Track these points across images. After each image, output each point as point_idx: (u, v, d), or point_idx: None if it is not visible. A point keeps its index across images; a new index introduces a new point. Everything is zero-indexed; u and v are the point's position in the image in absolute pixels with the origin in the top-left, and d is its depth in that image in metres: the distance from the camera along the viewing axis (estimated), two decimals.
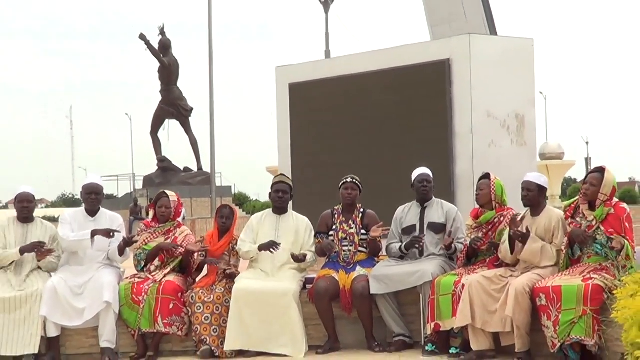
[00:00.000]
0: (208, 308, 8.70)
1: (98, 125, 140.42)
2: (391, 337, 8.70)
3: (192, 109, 39.85)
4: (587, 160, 63.32)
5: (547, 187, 8.37)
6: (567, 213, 8.08)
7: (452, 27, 11.34)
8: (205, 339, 8.66)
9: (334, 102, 11.28)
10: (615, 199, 7.97)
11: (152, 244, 9.09)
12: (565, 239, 7.98)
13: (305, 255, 8.91)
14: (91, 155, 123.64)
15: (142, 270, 9.09)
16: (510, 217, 8.25)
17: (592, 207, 7.92)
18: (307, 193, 10.75)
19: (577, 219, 7.97)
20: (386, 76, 10.84)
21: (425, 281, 8.39)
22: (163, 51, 38.39)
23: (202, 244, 9.13)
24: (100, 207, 9.18)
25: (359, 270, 8.80)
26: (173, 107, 39.03)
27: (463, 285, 8.08)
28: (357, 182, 9.07)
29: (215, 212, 9.49)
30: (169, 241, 9.11)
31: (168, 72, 38.79)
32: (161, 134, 40.03)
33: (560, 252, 8.00)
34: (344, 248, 8.94)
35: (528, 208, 8.30)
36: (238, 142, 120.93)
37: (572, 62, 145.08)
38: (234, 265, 9.14)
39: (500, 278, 8.07)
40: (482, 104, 10.24)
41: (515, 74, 10.51)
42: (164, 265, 9.07)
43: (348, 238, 8.96)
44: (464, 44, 10.34)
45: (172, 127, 39.88)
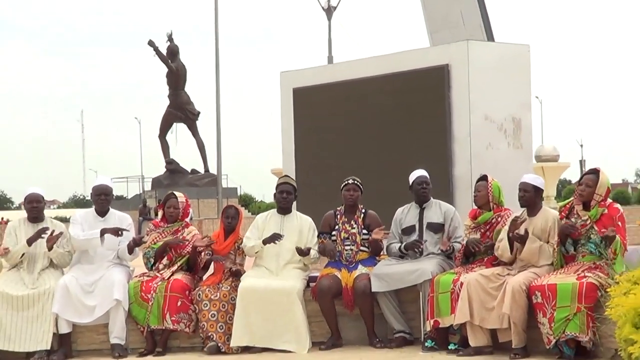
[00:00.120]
0: (214, 305, 8.70)
1: (108, 129, 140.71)
2: (392, 333, 8.70)
3: (199, 112, 39.86)
4: (582, 163, 63.26)
5: (543, 188, 8.37)
6: (562, 213, 8.08)
7: (451, 33, 11.32)
8: (212, 336, 8.66)
9: (337, 106, 11.27)
10: (609, 200, 7.97)
11: (161, 243, 9.10)
12: (556, 237, 7.99)
13: (310, 249, 8.91)
14: (101, 157, 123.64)
15: (151, 269, 9.10)
16: (511, 218, 8.24)
17: (587, 208, 7.92)
18: (310, 194, 10.75)
19: (572, 219, 7.96)
20: (387, 81, 10.83)
21: (425, 279, 8.38)
22: (171, 57, 38.41)
23: (209, 239, 9.12)
24: (110, 207, 9.20)
25: (361, 269, 8.80)
26: (181, 111, 39.04)
27: (461, 283, 8.07)
28: (358, 183, 9.07)
29: (221, 213, 9.50)
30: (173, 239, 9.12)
31: (176, 77, 38.80)
32: (169, 137, 40.07)
33: (555, 250, 8.01)
34: (346, 247, 8.94)
35: (525, 208, 8.29)
36: (243, 144, 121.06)
37: (567, 68, 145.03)
38: (239, 263, 9.13)
39: (498, 276, 8.06)
40: (479, 108, 10.23)
41: (512, 78, 10.49)
42: (172, 264, 9.08)
43: (350, 238, 8.95)
44: (462, 50, 10.34)
45: (179, 131, 39.94)
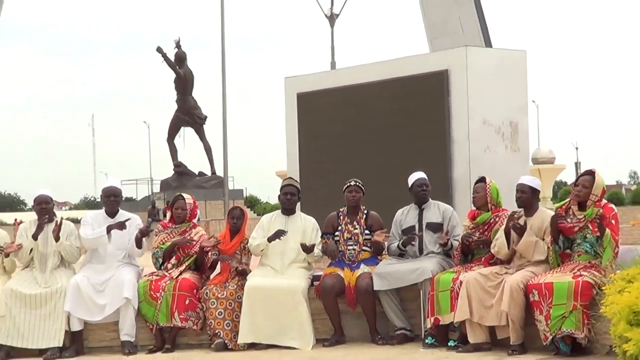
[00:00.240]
0: (222, 304, 8.70)
1: (118, 133, 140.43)
2: (393, 330, 8.69)
3: (206, 117, 39.77)
4: (577, 165, 63.14)
5: (539, 189, 8.37)
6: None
7: (450, 40, 11.37)
8: (219, 333, 8.67)
9: (339, 110, 11.28)
10: (604, 200, 7.97)
11: (169, 243, 9.11)
12: (549, 236, 7.99)
13: (314, 246, 8.91)
14: (112, 160, 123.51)
15: (159, 269, 9.10)
16: (508, 214, 8.24)
17: (582, 208, 7.91)
18: (314, 196, 10.76)
19: (568, 219, 7.96)
20: (388, 86, 10.83)
21: (425, 278, 8.38)
22: (179, 63, 38.33)
23: (215, 240, 9.12)
24: (119, 208, 9.20)
25: (363, 268, 8.79)
26: (188, 115, 38.96)
27: (461, 282, 8.07)
28: (360, 185, 9.06)
29: (227, 214, 9.49)
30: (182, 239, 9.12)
31: (183, 83, 38.73)
32: (177, 140, 39.96)
33: (550, 247, 8.01)
34: (349, 247, 8.93)
35: (522, 209, 8.29)
36: (249, 148, 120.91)
37: (563, 73, 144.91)
38: (245, 263, 9.13)
39: (496, 275, 8.06)
40: (478, 112, 10.22)
41: (509, 83, 10.49)
42: (180, 264, 9.08)
43: (353, 238, 8.95)
44: (461, 55, 10.34)
45: (187, 135, 39.79)
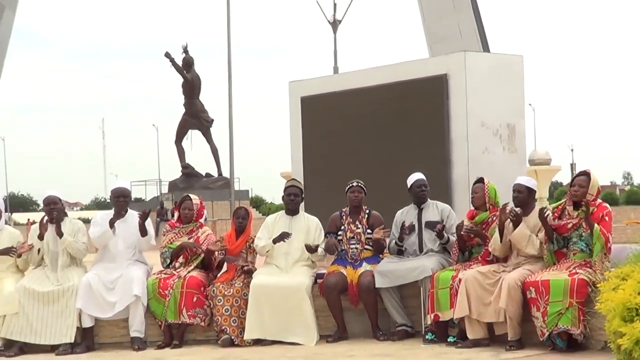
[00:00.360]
0: (228, 301, 8.70)
1: (128, 136, 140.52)
2: (394, 327, 8.68)
3: (213, 120, 39.76)
4: (572, 166, 63.16)
5: (535, 189, 8.36)
6: (554, 214, 8.06)
7: (449, 45, 11.36)
8: (226, 329, 8.67)
9: (342, 113, 11.26)
10: (599, 200, 7.96)
11: (177, 242, 9.11)
12: (543, 234, 7.99)
13: (318, 246, 8.91)
14: (121, 162, 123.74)
15: (167, 267, 9.10)
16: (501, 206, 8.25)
17: (577, 208, 7.90)
18: (317, 196, 10.75)
19: (564, 219, 7.95)
20: (389, 90, 10.81)
21: (426, 276, 8.38)
22: (186, 68, 38.32)
23: (221, 244, 9.13)
24: (129, 208, 9.20)
25: (365, 266, 8.79)
26: (196, 118, 38.94)
27: (460, 279, 8.06)
28: (362, 185, 9.06)
29: (232, 214, 9.49)
30: (191, 240, 9.12)
31: (191, 87, 38.71)
32: (185, 143, 39.95)
33: (543, 243, 8.00)
34: (352, 246, 8.93)
35: (519, 209, 8.28)
36: (254, 150, 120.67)
37: (559, 76, 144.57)
38: (250, 262, 9.12)
39: (494, 273, 8.05)
40: (476, 115, 10.20)
41: (506, 87, 10.46)
42: (188, 263, 9.08)
43: (355, 237, 8.94)
44: (459, 60, 10.32)
45: (194, 137, 39.77)
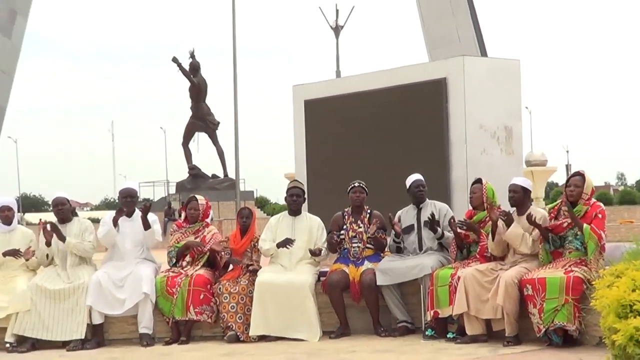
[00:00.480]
0: (234, 298, 8.70)
1: (136, 138, 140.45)
2: (395, 323, 8.68)
3: (219, 122, 39.78)
4: (568, 167, 62.98)
5: (531, 189, 8.35)
6: (551, 214, 8.06)
7: (448, 50, 11.35)
8: (232, 326, 8.67)
9: (344, 116, 11.25)
10: (593, 199, 7.96)
11: (183, 242, 9.11)
12: (537, 232, 7.98)
13: (321, 250, 8.91)
14: (130, 164, 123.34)
15: (174, 266, 9.11)
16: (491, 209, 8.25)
17: (573, 207, 7.89)
18: (320, 196, 10.74)
19: (560, 219, 7.94)
20: (390, 93, 10.80)
21: (425, 274, 8.38)
22: (193, 72, 38.33)
23: (224, 244, 9.12)
24: (136, 208, 9.19)
25: (367, 264, 8.79)
26: (202, 121, 38.96)
27: (459, 277, 8.06)
28: (363, 186, 9.06)
29: (236, 214, 9.50)
30: (198, 239, 9.12)
31: (197, 91, 38.72)
32: (192, 145, 39.98)
33: (536, 242, 8.01)
34: (354, 245, 8.93)
35: (514, 208, 8.27)
36: (259, 151, 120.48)
37: (555, 80, 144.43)
38: (255, 260, 9.12)
39: (492, 271, 8.05)
40: (474, 118, 10.19)
41: (504, 90, 10.45)
42: (194, 262, 9.08)
43: (357, 236, 8.94)
44: (458, 64, 10.31)
45: (201, 139, 39.80)
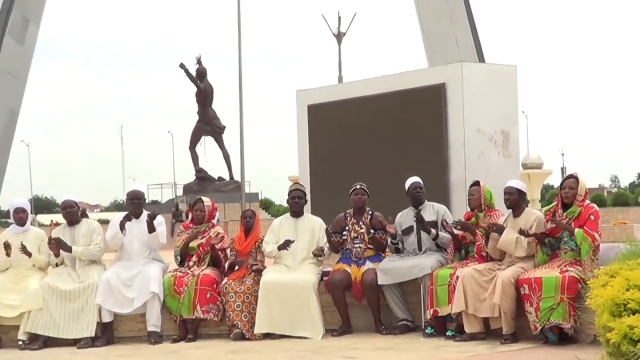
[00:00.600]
0: (239, 297, 8.70)
1: (144, 142, 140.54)
2: (396, 321, 8.67)
3: (225, 127, 39.81)
4: (563, 170, 63.02)
5: (525, 191, 8.34)
6: (547, 216, 8.05)
7: (447, 56, 11.34)
8: (237, 324, 8.67)
9: (346, 120, 11.26)
10: (587, 201, 7.95)
11: (191, 243, 9.12)
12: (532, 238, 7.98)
13: (323, 249, 8.91)
14: (139, 166, 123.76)
15: (181, 265, 9.11)
16: (483, 219, 8.24)
17: (566, 209, 7.88)
18: (323, 198, 10.75)
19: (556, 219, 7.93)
20: (390, 98, 10.81)
21: (425, 273, 8.37)
22: (200, 78, 38.36)
23: (224, 236, 9.13)
24: (144, 210, 9.19)
25: (368, 265, 8.78)
26: (208, 125, 38.99)
27: (457, 277, 8.05)
28: (365, 188, 9.06)
29: (240, 216, 9.52)
30: (203, 240, 9.13)
31: (204, 96, 38.75)
32: (198, 148, 40.00)
33: (532, 243, 7.97)
34: (356, 245, 8.92)
35: (510, 211, 8.27)
36: (264, 155, 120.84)
37: (550, 85, 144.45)
38: (260, 261, 9.13)
39: (489, 271, 8.04)
40: (472, 122, 10.19)
41: (501, 95, 10.45)
42: (200, 261, 9.08)
43: (359, 237, 8.93)
44: (456, 70, 10.31)
45: (207, 143, 39.83)
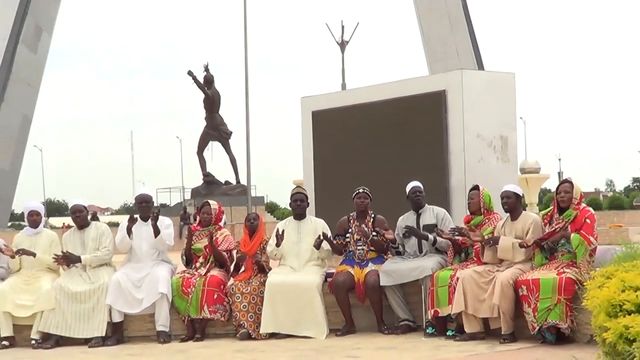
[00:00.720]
0: (246, 298, 8.69)
1: (154, 147, 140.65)
2: (398, 321, 8.66)
3: (232, 132, 39.79)
4: (560, 174, 62.86)
5: (522, 194, 8.34)
6: (544, 220, 8.04)
7: (447, 63, 11.35)
8: (244, 324, 8.66)
9: (349, 126, 11.28)
10: (583, 204, 7.94)
11: (197, 244, 9.13)
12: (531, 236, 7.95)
13: (322, 240, 8.77)
14: (148, 171, 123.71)
15: (188, 267, 9.12)
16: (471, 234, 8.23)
17: (562, 212, 7.88)
18: (327, 202, 10.77)
19: (553, 224, 7.93)
20: (392, 104, 10.83)
21: (426, 275, 8.36)
22: (207, 85, 38.35)
23: (230, 237, 9.18)
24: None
25: (371, 266, 8.77)
26: (216, 131, 38.98)
27: (457, 278, 8.04)
28: (367, 192, 9.05)
29: (244, 220, 9.54)
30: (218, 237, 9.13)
31: (211, 102, 38.74)
32: (206, 153, 39.99)
33: (530, 247, 7.96)
34: (358, 248, 8.91)
35: (508, 214, 8.26)
36: (270, 159, 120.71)
37: (548, 92, 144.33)
38: (264, 261, 9.12)
39: (489, 272, 8.03)
40: (472, 127, 10.20)
41: (500, 102, 10.47)
42: (207, 262, 9.08)
43: (362, 239, 8.93)
44: (456, 77, 10.33)
45: (215, 148, 39.83)
